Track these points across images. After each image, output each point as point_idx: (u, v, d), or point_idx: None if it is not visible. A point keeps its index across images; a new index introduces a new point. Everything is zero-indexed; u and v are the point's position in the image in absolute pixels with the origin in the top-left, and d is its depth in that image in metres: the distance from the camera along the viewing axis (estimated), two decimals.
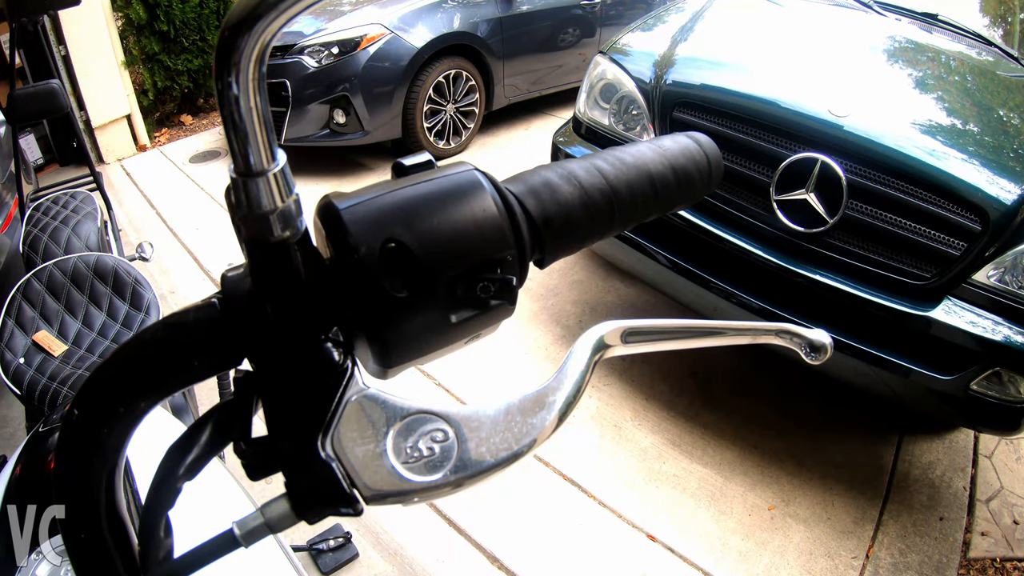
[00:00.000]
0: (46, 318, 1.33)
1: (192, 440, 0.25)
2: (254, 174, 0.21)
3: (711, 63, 1.91)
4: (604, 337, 0.27)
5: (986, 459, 1.90)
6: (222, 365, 0.26)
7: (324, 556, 1.52)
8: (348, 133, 3.45)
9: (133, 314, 1.37)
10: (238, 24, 0.19)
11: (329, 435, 0.25)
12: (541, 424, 0.25)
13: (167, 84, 4.44)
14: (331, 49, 3.32)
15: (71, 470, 0.25)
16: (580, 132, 2.10)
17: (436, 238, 0.26)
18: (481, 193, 0.28)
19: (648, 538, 1.63)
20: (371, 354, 0.27)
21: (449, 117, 3.71)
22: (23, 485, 0.73)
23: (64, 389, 1.17)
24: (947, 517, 1.70)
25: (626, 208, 0.33)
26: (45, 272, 1.36)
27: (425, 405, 0.26)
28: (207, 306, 0.25)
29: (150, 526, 0.26)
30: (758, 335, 0.29)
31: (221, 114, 0.20)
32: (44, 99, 1.67)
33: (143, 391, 0.25)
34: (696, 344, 0.30)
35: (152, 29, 4.22)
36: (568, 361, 0.27)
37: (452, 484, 0.24)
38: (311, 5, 0.19)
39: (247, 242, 0.23)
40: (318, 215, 0.27)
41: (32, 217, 1.69)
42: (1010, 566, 1.60)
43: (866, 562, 1.58)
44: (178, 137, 4.43)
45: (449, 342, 0.29)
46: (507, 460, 0.25)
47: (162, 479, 0.25)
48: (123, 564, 0.26)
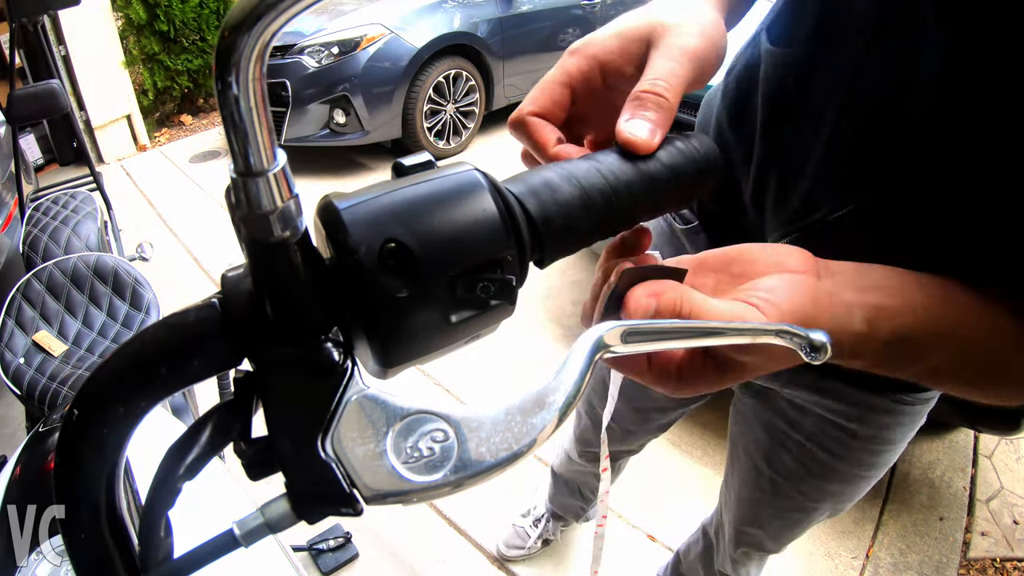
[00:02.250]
0: (46, 318, 1.33)
1: (192, 440, 0.25)
2: (254, 174, 0.21)
3: None
4: (604, 337, 0.27)
5: (986, 459, 1.90)
6: (222, 365, 0.26)
7: (324, 556, 1.52)
8: (348, 133, 3.45)
9: (133, 314, 1.37)
10: (238, 24, 0.19)
11: (329, 435, 0.25)
12: (541, 424, 0.25)
13: (167, 84, 4.44)
14: (331, 49, 3.32)
15: (71, 470, 0.25)
16: None
17: (436, 238, 0.26)
18: (481, 193, 0.28)
19: (648, 538, 1.63)
20: (371, 354, 0.27)
21: (449, 117, 3.71)
22: (23, 485, 0.73)
23: (64, 389, 1.17)
24: (947, 517, 1.70)
25: (626, 208, 0.33)
26: (45, 272, 1.36)
27: (425, 405, 0.26)
28: (207, 306, 0.25)
29: (150, 526, 0.26)
30: (758, 335, 0.29)
31: (221, 114, 0.20)
32: (44, 99, 1.67)
33: (143, 391, 0.25)
34: (696, 344, 0.29)
35: (152, 29, 4.22)
36: (568, 361, 0.27)
37: (452, 484, 0.24)
38: (311, 5, 0.19)
39: (247, 242, 0.23)
40: (318, 215, 0.27)
41: (32, 217, 1.69)
42: (1010, 566, 1.60)
43: (866, 562, 1.58)
44: (178, 137, 4.44)
45: (449, 342, 0.29)
46: (507, 460, 0.25)
47: (162, 479, 0.25)
48: (123, 564, 0.26)
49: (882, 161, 0.42)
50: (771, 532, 0.90)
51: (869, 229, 0.45)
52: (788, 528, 0.87)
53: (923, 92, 0.39)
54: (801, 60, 0.46)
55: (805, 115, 0.46)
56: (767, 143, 0.51)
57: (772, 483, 0.80)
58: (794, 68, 0.47)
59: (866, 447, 0.68)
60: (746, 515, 0.91)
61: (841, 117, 0.43)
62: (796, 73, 0.47)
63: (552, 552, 1.58)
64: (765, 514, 0.87)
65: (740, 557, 1.01)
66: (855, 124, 0.43)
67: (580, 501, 1.40)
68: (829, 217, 0.46)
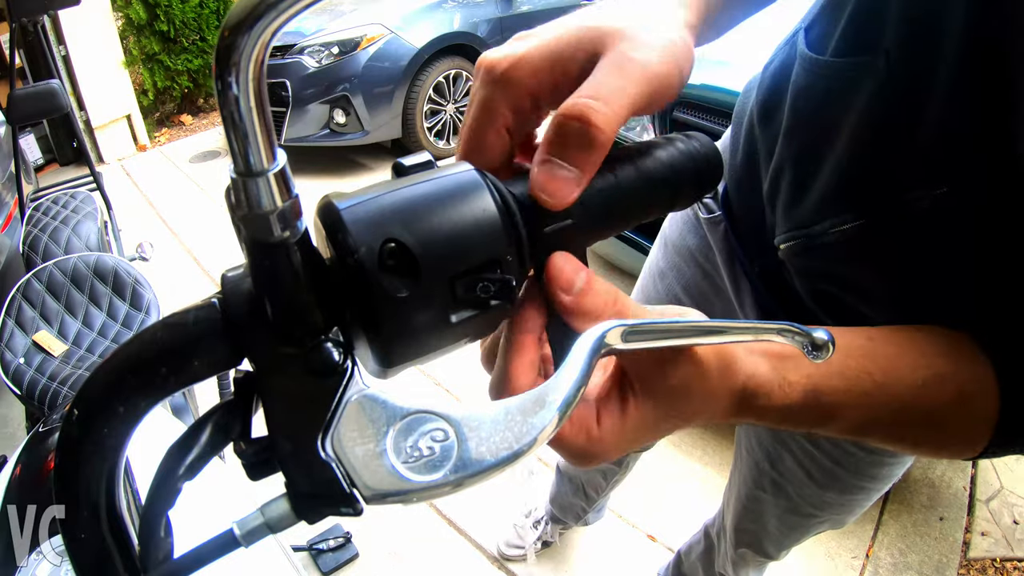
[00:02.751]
0: (46, 318, 1.33)
1: (192, 440, 0.25)
2: (254, 174, 0.21)
3: (711, 63, 1.91)
4: (604, 337, 0.27)
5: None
6: (222, 365, 0.26)
7: (324, 556, 1.52)
8: (348, 133, 3.45)
9: (133, 314, 1.37)
10: (238, 24, 0.19)
11: (329, 435, 0.25)
12: (541, 424, 0.25)
13: (167, 84, 4.44)
14: (331, 49, 3.32)
15: (71, 470, 0.25)
16: None
17: (436, 238, 0.26)
18: (481, 193, 0.28)
19: (648, 538, 1.63)
20: (371, 354, 0.27)
21: (449, 117, 3.71)
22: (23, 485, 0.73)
23: (64, 389, 1.17)
24: (947, 517, 1.70)
25: (626, 209, 0.33)
26: (45, 272, 1.36)
27: (425, 405, 0.26)
28: (207, 306, 0.25)
29: (150, 526, 0.26)
30: (759, 333, 0.29)
31: (221, 114, 0.20)
32: (44, 99, 1.67)
33: (143, 391, 0.25)
34: (697, 342, 0.29)
35: (152, 29, 4.22)
36: (568, 361, 0.27)
37: (452, 484, 0.24)
38: (311, 5, 0.19)
39: (247, 242, 0.23)
40: (318, 215, 0.27)
41: (32, 217, 1.69)
42: (1010, 566, 1.60)
43: (866, 562, 1.58)
44: (178, 137, 4.44)
45: (449, 342, 0.29)
46: (507, 459, 0.25)
47: (162, 479, 0.25)
48: (123, 564, 0.26)
49: (887, 183, 0.41)
50: (770, 534, 0.89)
51: (869, 248, 0.44)
52: (787, 532, 0.87)
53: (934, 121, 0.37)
54: (828, 69, 0.44)
55: (824, 125, 0.45)
56: (787, 146, 0.50)
57: (773, 484, 0.80)
58: (822, 77, 0.45)
59: (871, 459, 0.67)
60: (746, 515, 0.91)
61: (855, 133, 0.42)
62: (822, 82, 0.45)
63: (553, 554, 1.58)
64: (765, 515, 0.87)
65: (739, 559, 1.01)
66: (867, 143, 0.42)
67: (583, 501, 1.40)
68: (831, 231, 0.45)
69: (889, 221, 0.42)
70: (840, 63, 0.43)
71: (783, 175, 0.50)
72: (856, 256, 0.45)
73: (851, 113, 0.42)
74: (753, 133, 0.56)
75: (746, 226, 0.63)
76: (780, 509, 0.83)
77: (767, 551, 0.94)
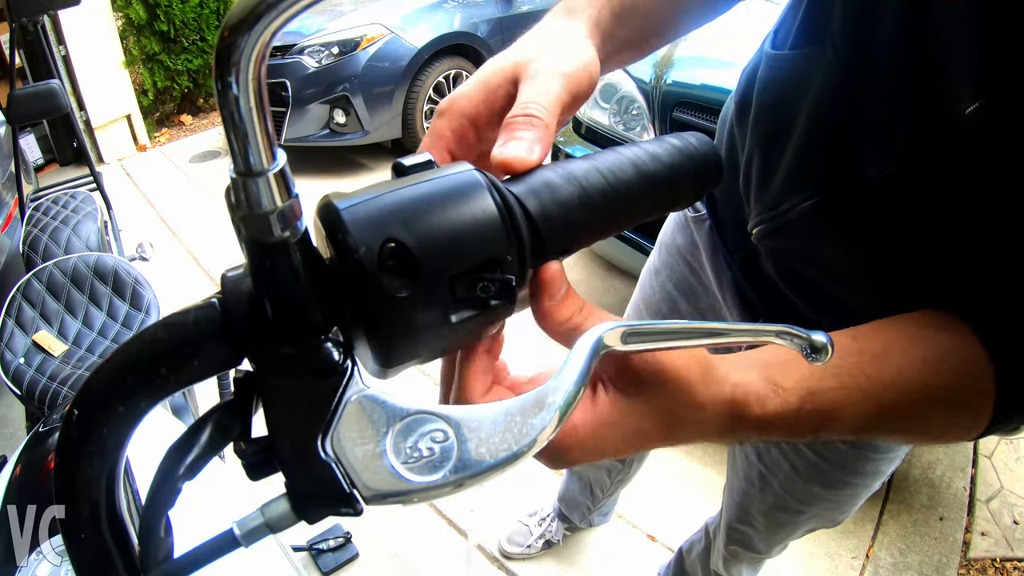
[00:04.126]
0: (46, 318, 1.33)
1: (192, 440, 0.25)
2: (254, 174, 0.21)
3: (712, 62, 1.91)
4: (604, 337, 0.27)
5: (986, 459, 1.90)
6: (222, 365, 0.26)
7: (324, 556, 1.52)
8: (348, 133, 3.45)
9: (133, 314, 1.37)
10: (238, 24, 0.19)
11: (329, 435, 0.25)
12: (541, 424, 0.25)
13: (167, 84, 4.44)
14: (331, 49, 3.32)
15: (71, 470, 0.25)
16: (580, 132, 2.10)
17: (436, 238, 0.26)
18: (481, 193, 0.28)
19: (648, 538, 1.63)
20: (371, 354, 0.27)
21: None
22: (23, 485, 0.73)
23: (64, 389, 1.17)
24: (947, 517, 1.70)
25: (626, 208, 0.33)
26: (45, 272, 1.36)
27: (425, 405, 0.26)
28: (207, 306, 0.25)
29: (150, 526, 0.26)
30: (758, 335, 0.29)
31: (221, 114, 0.20)
32: (44, 99, 1.67)
33: (143, 391, 0.25)
34: (696, 344, 0.29)
35: (152, 29, 4.21)
36: (568, 361, 0.27)
37: (452, 484, 0.24)
38: (311, 5, 0.19)
39: (247, 242, 0.23)
40: (318, 215, 0.27)
41: (32, 217, 1.69)
42: (1010, 566, 1.60)
43: (866, 562, 1.58)
44: (178, 137, 4.43)
45: (449, 342, 0.29)
46: (507, 460, 0.25)
47: (162, 479, 0.25)
48: (123, 564, 0.26)
49: (841, 162, 0.44)
50: (759, 530, 0.90)
51: (828, 224, 0.47)
52: (775, 529, 0.88)
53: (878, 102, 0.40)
54: (786, 61, 0.49)
55: (785, 110, 0.48)
56: (755, 134, 0.53)
57: (760, 477, 0.81)
58: (779, 71, 0.49)
59: (855, 453, 0.68)
60: (737, 510, 0.91)
61: (811, 117, 0.45)
62: (781, 73, 0.49)
63: (554, 553, 1.58)
64: (753, 509, 0.87)
65: (730, 555, 1.02)
66: (822, 125, 0.45)
67: (588, 499, 1.41)
68: (793, 209, 0.48)
69: (844, 198, 0.44)
70: (795, 54, 0.47)
71: (753, 162, 0.53)
72: (816, 233, 0.48)
73: (807, 98, 0.45)
74: (733, 132, 0.59)
75: (728, 221, 0.65)
76: (767, 504, 0.84)
77: (757, 547, 0.95)
